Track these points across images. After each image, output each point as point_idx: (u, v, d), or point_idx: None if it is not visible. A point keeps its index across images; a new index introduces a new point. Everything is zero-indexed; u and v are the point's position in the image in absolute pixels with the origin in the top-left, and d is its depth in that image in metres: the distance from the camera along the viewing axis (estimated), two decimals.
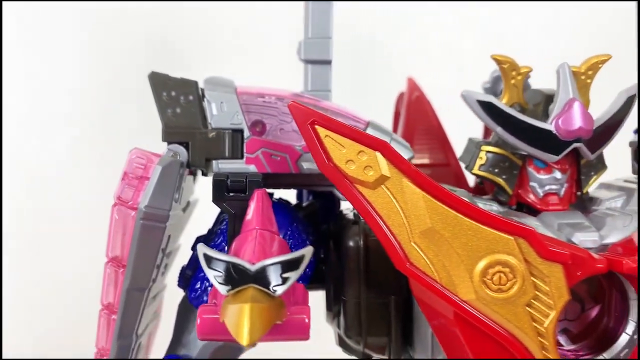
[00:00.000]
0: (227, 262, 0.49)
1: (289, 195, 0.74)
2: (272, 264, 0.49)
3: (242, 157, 0.62)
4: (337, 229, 0.64)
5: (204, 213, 0.73)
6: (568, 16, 1.31)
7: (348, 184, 0.53)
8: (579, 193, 0.66)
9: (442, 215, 0.53)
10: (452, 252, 0.53)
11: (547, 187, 0.63)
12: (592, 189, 0.70)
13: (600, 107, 0.67)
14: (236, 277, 0.48)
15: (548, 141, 0.60)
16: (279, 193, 0.71)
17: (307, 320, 0.51)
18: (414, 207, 0.53)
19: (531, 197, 0.64)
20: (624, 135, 0.73)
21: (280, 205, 0.67)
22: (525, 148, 0.61)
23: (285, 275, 0.49)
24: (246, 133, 0.62)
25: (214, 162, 0.62)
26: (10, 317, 1.25)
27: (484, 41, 1.24)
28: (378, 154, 0.53)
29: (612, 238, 0.59)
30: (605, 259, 0.55)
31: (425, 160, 0.83)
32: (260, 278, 0.48)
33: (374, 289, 0.61)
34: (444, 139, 0.85)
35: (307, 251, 0.50)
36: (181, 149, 0.62)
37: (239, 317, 0.46)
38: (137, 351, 0.67)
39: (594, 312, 0.63)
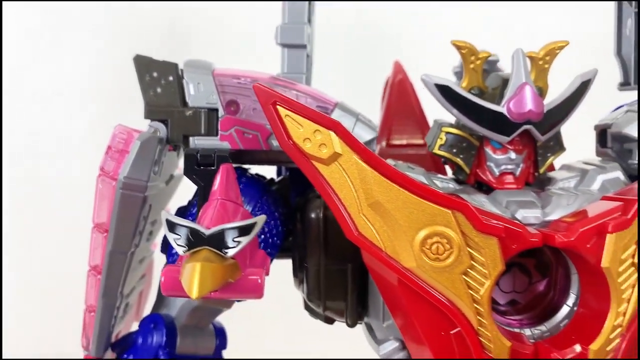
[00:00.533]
0: (187, 227, 0.55)
1: (269, 170, 0.80)
2: (226, 229, 0.54)
3: (216, 135, 0.68)
4: (303, 202, 0.69)
5: (190, 186, 0.79)
6: (572, 16, 1.31)
7: (306, 160, 0.58)
8: (536, 173, 0.69)
9: (386, 189, 0.57)
10: (395, 223, 0.57)
11: (502, 167, 0.67)
12: (556, 169, 0.74)
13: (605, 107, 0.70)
14: (192, 240, 0.54)
15: (500, 123, 0.64)
16: (256, 169, 0.76)
17: (260, 281, 0.57)
18: (362, 182, 0.58)
19: (488, 176, 0.67)
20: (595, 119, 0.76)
21: (254, 180, 0.72)
22: (479, 129, 0.65)
23: (237, 239, 0.54)
24: (221, 112, 0.68)
25: (191, 138, 0.68)
26: (10, 317, 1.26)
27: (485, 41, 1.26)
28: (332, 133, 0.58)
29: (555, 215, 0.62)
30: (540, 233, 0.58)
31: (404, 141, 0.86)
32: (214, 241, 0.54)
33: (332, 257, 0.66)
34: (424, 121, 0.88)
35: (260, 219, 0.56)
36: (161, 126, 0.68)
37: (191, 273, 0.52)
38: (124, 309, 0.74)
39: (541, 286, 0.67)
